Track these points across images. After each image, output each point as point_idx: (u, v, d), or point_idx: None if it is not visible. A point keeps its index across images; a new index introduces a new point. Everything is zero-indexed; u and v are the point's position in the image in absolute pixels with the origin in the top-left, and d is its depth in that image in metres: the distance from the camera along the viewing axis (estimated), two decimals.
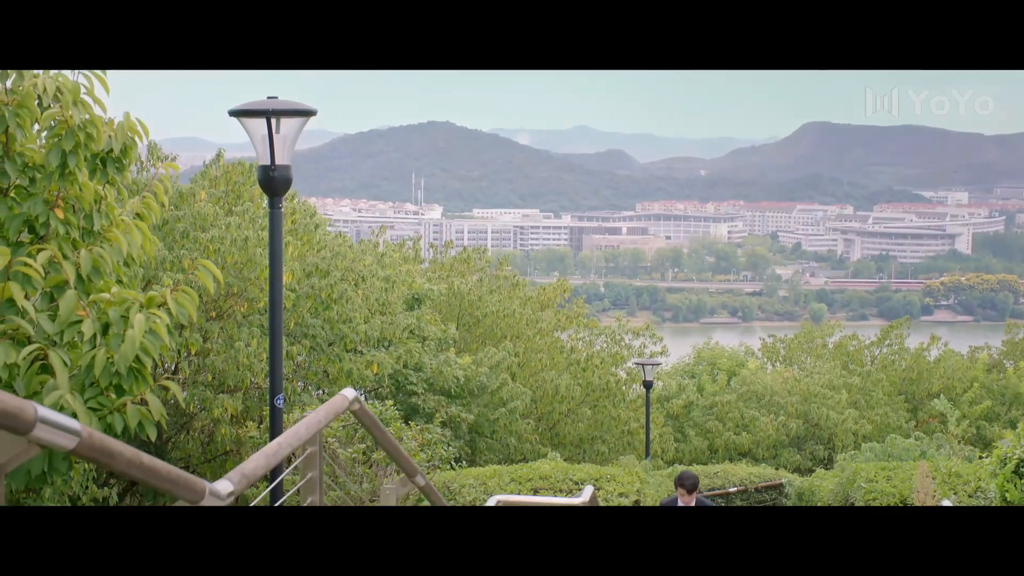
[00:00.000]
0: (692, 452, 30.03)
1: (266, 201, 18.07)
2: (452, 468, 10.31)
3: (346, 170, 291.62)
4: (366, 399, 15.83)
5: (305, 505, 4.84)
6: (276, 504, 6.10)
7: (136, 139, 5.74)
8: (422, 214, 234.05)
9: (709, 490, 18.59)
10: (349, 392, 4.97)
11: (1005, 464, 8.05)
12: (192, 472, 16.74)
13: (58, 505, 10.36)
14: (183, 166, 20.43)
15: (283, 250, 7.64)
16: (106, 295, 5.01)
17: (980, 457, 11.09)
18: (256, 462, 3.86)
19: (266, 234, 15.22)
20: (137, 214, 5.82)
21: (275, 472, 6.26)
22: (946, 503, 8.56)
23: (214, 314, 17.12)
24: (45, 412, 2.56)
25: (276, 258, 7.43)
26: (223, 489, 3.54)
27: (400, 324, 20.74)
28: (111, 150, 5.60)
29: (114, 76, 5.84)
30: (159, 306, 5.02)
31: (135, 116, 5.93)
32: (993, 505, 8.56)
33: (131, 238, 5.52)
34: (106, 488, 15.86)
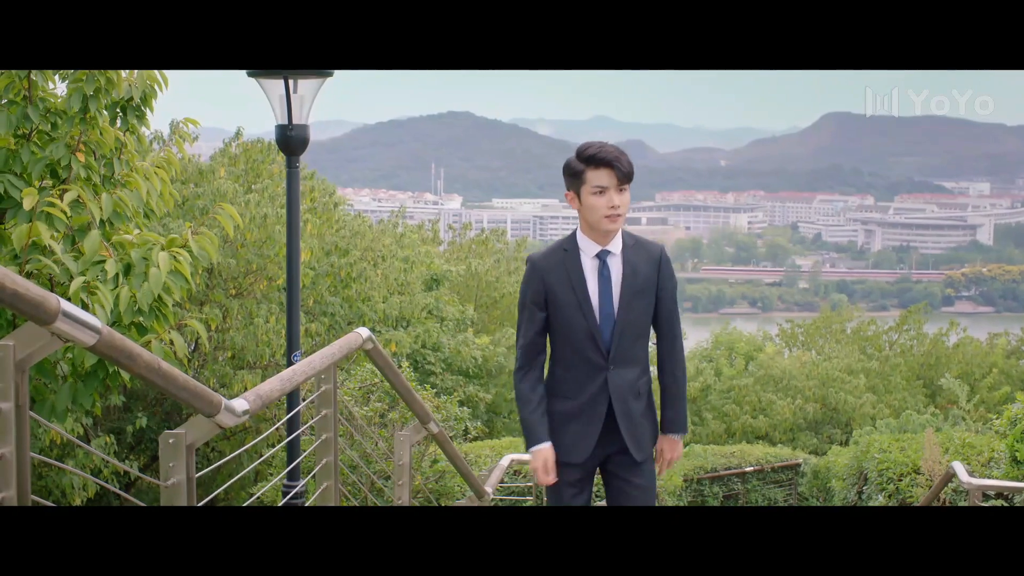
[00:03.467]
0: (709, 435, 30.04)
1: (283, 184, 18.31)
2: (466, 433, 10.41)
3: (366, 160, 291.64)
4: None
5: (319, 442, 4.95)
6: (292, 436, 6.24)
7: (156, 88, 5.87)
8: (442, 204, 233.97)
9: (725, 469, 18.58)
10: (363, 331, 5.07)
11: (1015, 425, 8.11)
12: (211, 448, 16.96)
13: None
14: (204, 155, 20.58)
15: (300, 216, 7.75)
16: (128, 236, 5.14)
17: (991, 419, 11.14)
18: (271, 385, 3.98)
19: (285, 212, 15.39)
20: (157, 165, 5.95)
21: (291, 405, 6.41)
22: (957, 466, 8.62)
23: (234, 292, 17.32)
24: (68, 306, 2.67)
25: (294, 217, 7.55)
26: (239, 407, 3.65)
27: (418, 304, 20.94)
28: (131, 98, 5.74)
29: None
30: (181, 247, 5.14)
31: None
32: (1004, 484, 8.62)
33: (151, 185, 5.65)
34: (127, 461, 16.03)
